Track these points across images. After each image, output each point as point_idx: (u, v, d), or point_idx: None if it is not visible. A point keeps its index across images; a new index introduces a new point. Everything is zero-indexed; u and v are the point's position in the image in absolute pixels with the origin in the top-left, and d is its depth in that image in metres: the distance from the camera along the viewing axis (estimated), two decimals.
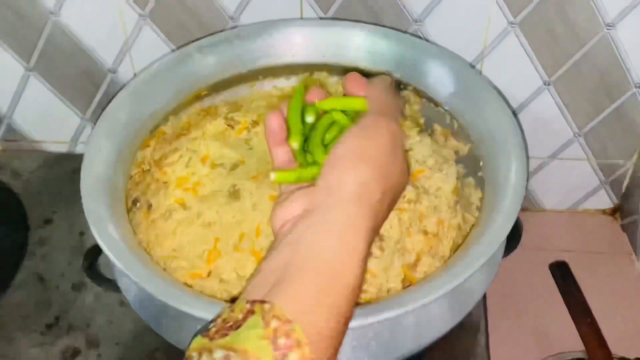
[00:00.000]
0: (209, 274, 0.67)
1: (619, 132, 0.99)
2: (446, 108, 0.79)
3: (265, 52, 0.84)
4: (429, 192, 0.71)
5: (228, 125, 0.80)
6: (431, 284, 0.60)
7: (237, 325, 0.46)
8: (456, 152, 0.79)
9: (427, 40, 0.90)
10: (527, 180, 0.65)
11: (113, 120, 0.75)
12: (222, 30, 0.89)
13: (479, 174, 0.76)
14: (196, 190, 0.72)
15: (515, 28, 0.89)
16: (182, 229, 0.70)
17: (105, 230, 0.65)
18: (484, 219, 0.66)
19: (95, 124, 0.99)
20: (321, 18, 0.90)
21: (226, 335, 0.46)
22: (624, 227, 1.07)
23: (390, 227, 0.67)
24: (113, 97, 0.78)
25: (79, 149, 1.09)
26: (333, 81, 0.86)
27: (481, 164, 0.72)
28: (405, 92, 0.83)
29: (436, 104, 0.81)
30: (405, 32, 0.89)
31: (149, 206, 0.73)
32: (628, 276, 1.02)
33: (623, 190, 1.06)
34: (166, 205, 0.72)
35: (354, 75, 0.62)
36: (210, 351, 0.45)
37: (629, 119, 0.97)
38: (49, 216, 0.98)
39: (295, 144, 0.58)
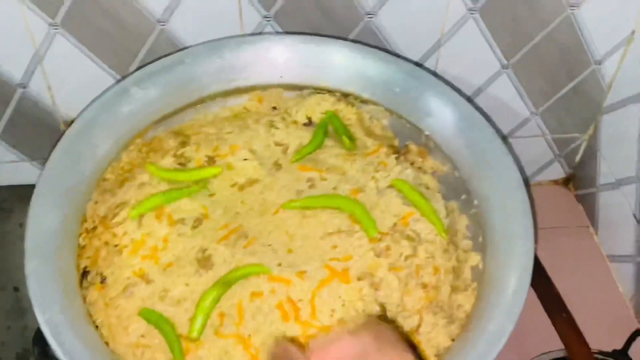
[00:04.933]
0: None
1: (575, 108, 0.97)
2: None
3: (214, 77, 0.73)
4: (423, 239, 0.64)
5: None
6: None
7: None
8: (433, 172, 0.72)
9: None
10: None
11: (52, 186, 0.64)
12: (162, 57, 0.77)
13: (463, 196, 0.70)
14: (157, 258, 0.63)
15: (475, 14, 0.83)
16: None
17: (60, 333, 0.55)
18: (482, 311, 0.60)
19: (6, 142, 0.87)
20: (277, 33, 0.79)
21: None
22: (578, 198, 1.06)
23: (391, 292, 0.60)
24: (47, 157, 0.66)
25: None
26: (288, 96, 0.76)
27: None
28: (371, 107, 0.76)
29: (409, 122, 0.74)
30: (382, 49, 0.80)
31: (103, 279, 0.63)
32: (589, 251, 1.01)
33: (577, 161, 1.05)
34: (124, 279, 0.62)
35: None
36: None
37: (587, 95, 0.95)
38: None
39: None
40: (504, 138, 0.89)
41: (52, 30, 0.79)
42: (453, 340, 0.61)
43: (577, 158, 1.04)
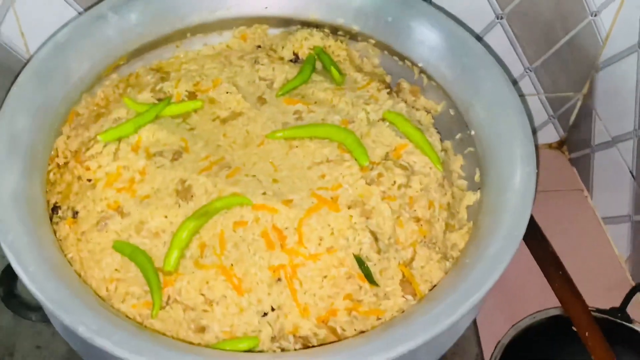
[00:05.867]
0: (167, 301, 0.54)
1: (570, 64, 0.94)
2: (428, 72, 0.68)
3: (195, 5, 0.69)
4: (417, 171, 0.61)
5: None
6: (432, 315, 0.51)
7: None
8: (427, 112, 0.69)
9: None
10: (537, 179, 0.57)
11: (18, 111, 0.59)
12: None
13: (457, 135, 0.67)
14: (133, 190, 0.58)
15: None
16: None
17: (24, 255, 0.50)
18: (485, 232, 0.56)
19: None
20: None
21: None
22: (572, 161, 1.03)
23: (383, 221, 0.57)
24: (14, 80, 0.61)
25: None
26: (273, 33, 0.72)
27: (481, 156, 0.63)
28: (361, 44, 0.72)
29: (402, 58, 0.70)
30: None
31: (75, 213, 0.59)
32: (584, 214, 0.98)
33: (571, 122, 1.02)
34: (97, 212, 0.58)
35: None
36: None
37: (582, 49, 0.92)
38: None
39: None
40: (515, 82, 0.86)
41: None
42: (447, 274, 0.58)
43: (572, 119, 1.01)
